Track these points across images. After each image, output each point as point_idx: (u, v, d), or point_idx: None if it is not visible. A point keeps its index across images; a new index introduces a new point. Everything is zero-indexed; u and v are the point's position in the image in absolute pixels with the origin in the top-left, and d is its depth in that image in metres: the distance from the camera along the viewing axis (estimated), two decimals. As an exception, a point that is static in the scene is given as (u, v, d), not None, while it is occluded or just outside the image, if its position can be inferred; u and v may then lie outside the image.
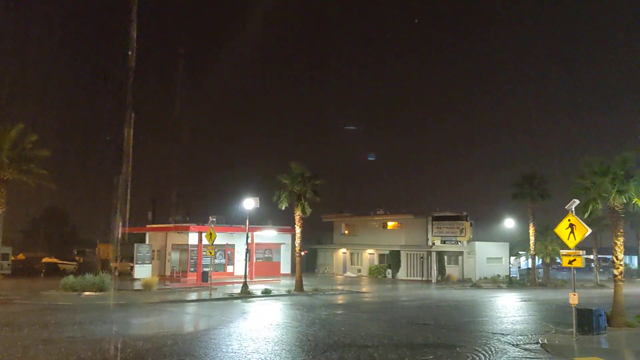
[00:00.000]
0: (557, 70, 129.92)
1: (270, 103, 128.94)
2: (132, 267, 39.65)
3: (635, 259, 60.86)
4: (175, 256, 41.32)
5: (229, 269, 41.93)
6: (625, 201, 18.56)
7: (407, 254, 46.17)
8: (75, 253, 48.89)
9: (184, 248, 39.96)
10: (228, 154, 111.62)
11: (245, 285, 29.46)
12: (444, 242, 44.36)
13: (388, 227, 49.91)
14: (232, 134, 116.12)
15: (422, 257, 45.17)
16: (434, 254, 44.40)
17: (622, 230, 19.29)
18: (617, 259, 19.17)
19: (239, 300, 27.04)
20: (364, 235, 51.52)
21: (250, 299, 27.55)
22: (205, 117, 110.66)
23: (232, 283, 34.92)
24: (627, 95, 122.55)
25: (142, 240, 43.34)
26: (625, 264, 41.28)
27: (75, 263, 44.70)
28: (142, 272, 37.07)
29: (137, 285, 31.88)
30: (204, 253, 34.40)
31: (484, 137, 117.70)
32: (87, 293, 27.02)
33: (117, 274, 41.70)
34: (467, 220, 43.69)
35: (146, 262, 38.59)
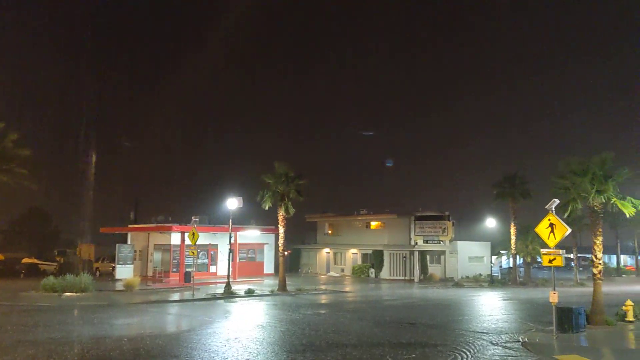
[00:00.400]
0: (541, 70, 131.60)
1: (254, 102, 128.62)
2: (113, 268, 39.27)
3: (614, 258, 61.81)
4: (157, 256, 40.99)
5: (212, 269, 41.73)
6: (604, 201, 18.82)
7: (390, 253, 46.38)
8: (56, 253, 48.23)
9: (166, 248, 39.67)
10: (211, 153, 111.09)
11: (228, 285, 29.34)
12: (426, 241, 44.69)
13: (371, 227, 50.09)
14: (216, 134, 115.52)
15: (404, 257, 45.41)
16: (416, 254, 44.67)
17: (601, 230, 19.55)
18: (596, 258, 19.42)
19: (222, 301, 26.93)
20: (347, 235, 51.65)
21: (234, 299, 27.44)
22: (189, 116, 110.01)
23: (215, 283, 34.76)
24: (608, 96, 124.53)
25: (124, 240, 42.92)
26: (605, 263, 41.93)
27: (55, 264, 44.11)
28: (124, 272, 36.75)
29: (119, 286, 31.60)
30: (187, 253, 34.17)
31: (466, 137, 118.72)
32: (67, 294, 26.71)
33: (98, 274, 41.33)
34: (449, 220, 44.10)
35: (128, 262, 38.25)
